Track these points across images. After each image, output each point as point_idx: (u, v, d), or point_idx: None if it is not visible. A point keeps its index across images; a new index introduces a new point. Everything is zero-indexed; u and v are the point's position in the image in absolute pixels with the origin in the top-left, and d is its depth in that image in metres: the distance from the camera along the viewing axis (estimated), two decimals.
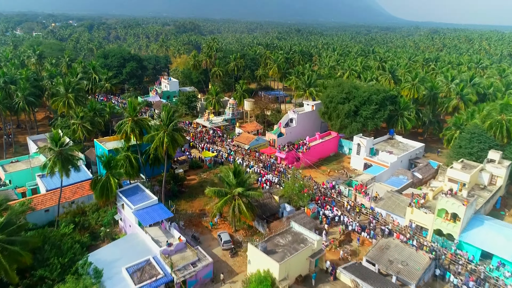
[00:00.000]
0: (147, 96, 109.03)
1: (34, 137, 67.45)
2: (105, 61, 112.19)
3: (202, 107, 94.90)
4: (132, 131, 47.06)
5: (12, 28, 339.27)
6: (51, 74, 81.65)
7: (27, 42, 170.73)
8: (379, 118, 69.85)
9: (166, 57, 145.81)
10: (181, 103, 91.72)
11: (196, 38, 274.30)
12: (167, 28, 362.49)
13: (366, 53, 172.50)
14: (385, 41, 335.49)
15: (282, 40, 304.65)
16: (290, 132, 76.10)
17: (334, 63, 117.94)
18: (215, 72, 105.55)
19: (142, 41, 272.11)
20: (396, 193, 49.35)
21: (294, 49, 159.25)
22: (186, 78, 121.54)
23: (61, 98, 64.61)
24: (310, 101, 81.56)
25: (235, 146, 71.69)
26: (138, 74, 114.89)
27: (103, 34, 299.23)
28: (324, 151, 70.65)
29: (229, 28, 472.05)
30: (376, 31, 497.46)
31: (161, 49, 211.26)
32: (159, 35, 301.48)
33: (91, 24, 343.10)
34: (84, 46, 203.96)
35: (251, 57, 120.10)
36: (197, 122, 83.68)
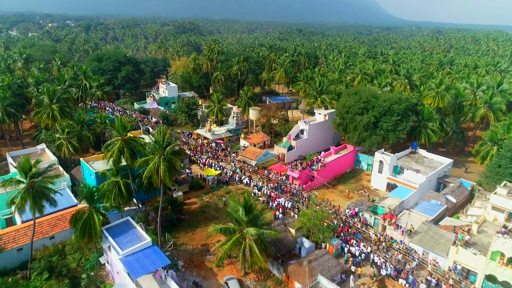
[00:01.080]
0: (144, 103, 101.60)
1: (15, 152, 59.87)
2: (99, 65, 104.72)
3: (203, 115, 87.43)
4: (121, 153, 39.63)
5: (7, 28, 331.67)
6: (38, 80, 74.12)
7: (19, 44, 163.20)
8: (401, 131, 62.49)
9: (164, 59, 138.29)
10: (180, 111, 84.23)
11: (196, 38, 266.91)
12: (166, 29, 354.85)
13: (373, 54, 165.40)
14: (389, 41, 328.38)
15: (284, 40, 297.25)
16: (301, 145, 68.79)
17: (342, 66, 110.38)
18: (217, 77, 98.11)
19: (140, 42, 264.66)
20: (433, 225, 41.90)
21: (299, 51, 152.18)
22: (186, 82, 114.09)
23: (44, 109, 57.15)
24: (322, 110, 74.16)
25: (241, 161, 64.25)
26: (135, 78, 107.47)
27: (100, 35, 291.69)
28: (340, 168, 63.23)
29: (229, 28, 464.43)
30: (377, 31, 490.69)
31: (159, 50, 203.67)
32: (158, 35, 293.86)
33: (88, 25, 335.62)
34: (80, 47, 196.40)
35: (255, 60, 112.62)
36: (197, 133, 76.22)
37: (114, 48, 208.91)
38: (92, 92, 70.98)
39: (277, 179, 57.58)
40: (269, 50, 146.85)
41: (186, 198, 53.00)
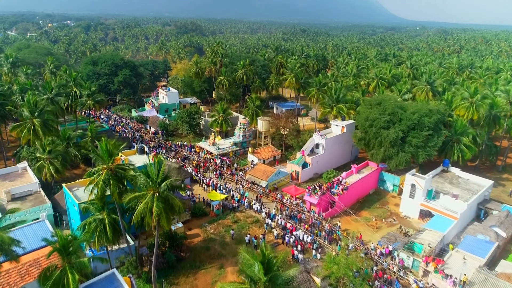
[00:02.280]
0: (142, 110, 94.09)
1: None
2: (93, 69, 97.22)
3: (206, 124, 79.81)
4: (107, 185, 32.03)
5: (6, 29, 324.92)
6: (23, 87, 66.60)
7: (14, 45, 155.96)
8: (432, 147, 54.70)
9: (165, 62, 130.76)
10: (181, 121, 76.58)
11: (198, 39, 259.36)
12: (168, 29, 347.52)
13: (384, 56, 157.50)
14: (395, 42, 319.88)
15: (288, 41, 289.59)
16: (317, 162, 61.07)
17: (356, 71, 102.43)
18: (221, 82, 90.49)
19: (140, 42, 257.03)
20: (491, 273, 34.10)
21: (306, 53, 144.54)
22: (187, 87, 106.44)
23: (24, 123, 49.59)
24: (339, 121, 66.40)
25: (249, 181, 56.55)
26: (132, 83, 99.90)
27: (100, 35, 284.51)
28: (363, 189, 55.49)
29: (231, 28, 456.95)
30: (381, 31, 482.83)
31: (160, 52, 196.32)
32: (159, 36, 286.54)
33: (88, 25, 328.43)
34: (78, 48, 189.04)
35: (262, 63, 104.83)
36: (200, 146, 68.55)
37: (113, 49, 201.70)
38: (83, 101, 63.38)
39: (292, 205, 49.85)
40: (275, 52, 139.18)
41: (187, 228, 45.42)
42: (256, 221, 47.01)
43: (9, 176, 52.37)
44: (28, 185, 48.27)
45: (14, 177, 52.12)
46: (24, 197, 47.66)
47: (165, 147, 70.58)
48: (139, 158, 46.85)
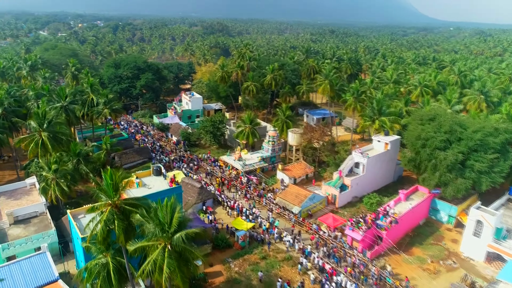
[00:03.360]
0: (165, 116, 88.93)
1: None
2: (115, 72, 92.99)
3: (231, 134, 73.48)
4: (111, 223, 25.97)
5: (38, 29, 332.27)
6: (38, 92, 62.40)
7: (42, 46, 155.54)
8: (498, 173, 45.94)
9: (189, 65, 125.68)
10: (205, 131, 70.51)
11: (224, 39, 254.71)
12: (194, 29, 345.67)
13: (422, 59, 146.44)
14: (429, 43, 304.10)
15: (316, 42, 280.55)
16: (357, 184, 53.36)
17: (396, 76, 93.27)
18: (248, 87, 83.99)
19: (167, 43, 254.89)
20: None
21: (338, 56, 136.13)
22: (212, 91, 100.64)
23: (31, 137, 44.65)
24: (382, 136, 58.31)
25: (279, 206, 49.58)
26: (155, 86, 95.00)
27: (127, 36, 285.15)
28: (413, 220, 47.40)
29: (258, 29, 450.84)
30: (412, 32, 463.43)
31: (185, 53, 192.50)
32: (185, 36, 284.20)
33: (116, 25, 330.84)
34: (104, 49, 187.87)
35: (292, 67, 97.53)
36: (224, 160, 62.13)
37: (139, 50, 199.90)
38: (99, 110, 58.32)
39: (331, 239, 42.48)
40: (305, 54, 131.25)
41: (208, 264, 38.96)
42: (288, 258, 40.03)
43: (15, 193, 47.68)
44: (33, 206, 43.27)
45: (21, 194, 47.37)
46: (28, 219, 42.66)
47: (186, 159, 64.65)
48: (155, 180, 40.84)
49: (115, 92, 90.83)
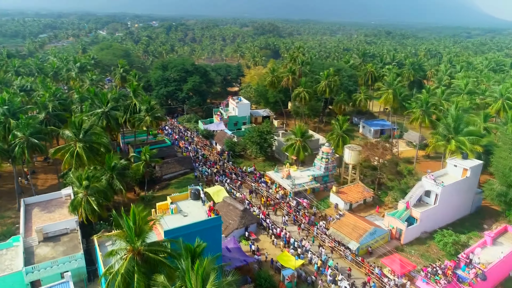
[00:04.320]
0: (210, 121, 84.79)
1: (31, 199, 45.60)
2: (163, 74, 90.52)
3: (279, 145, 67.30)
4: (130, 276, 20.88)
5: (98, 29, 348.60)
6: (83, 96, 60.46)
7: (97, 46, 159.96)
8: None
9: (238, 67, 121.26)
10: (251, 141, 64.94)
11: (274, 40, 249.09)
12: (245, 30, 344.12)
13: (496, 65, 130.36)
14: (500, 46, 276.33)
15: (371, 44, 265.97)
16: (427, 217, 44.83)
17: (471, 86, 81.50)
18: (299, 94, 77.35)
19: (217, 44, 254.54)
20: None
21: (398, 60, 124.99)
22: (260, 96, 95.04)
23: (66, 147, 41.55)
24: (459, 160, 49.00)
25: (332, 239, 42.53)
26: (202, 90, 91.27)
27: (179, 36, 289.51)
28: (503, 271, 38.18)
29: (309, 29, 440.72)
30: (477, 33, 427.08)
31: (235, 54, 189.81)
32: (236, 37, 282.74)
33: (170, 25, 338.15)
34: (156, 49, 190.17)
35: (349, 73, 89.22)
36: (271, 177, 56.04)
37: (190, 50, 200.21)
38: (140, 117, 54.80)
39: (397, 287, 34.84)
40: (361, 58, 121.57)
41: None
42: None
43: (50, 204, 45.18)
44: (64, 222, 40.06)
45: (55, 207, 44.76)
46: (58, 236, 39.53)
47: (230, 172, 59.47)
48: (192, 205, 35.76)
49: (161, 95, 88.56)
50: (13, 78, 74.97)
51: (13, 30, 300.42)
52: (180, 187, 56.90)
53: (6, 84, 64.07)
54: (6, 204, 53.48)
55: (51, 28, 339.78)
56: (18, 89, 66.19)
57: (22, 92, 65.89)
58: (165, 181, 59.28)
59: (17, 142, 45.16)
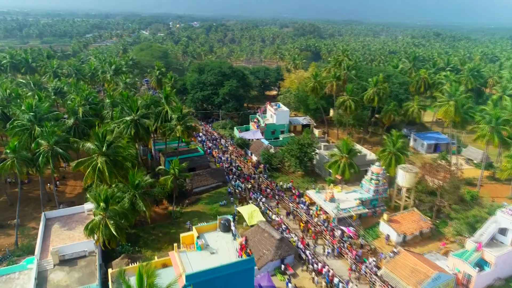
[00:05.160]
0: (247, 128, 79.87)
1: (52, 213, 42.66)
2: (199, 78, 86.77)
3: (320, 159, 60.96)
4: None
5: (141, 29, 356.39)
6: (114, 101, 57.46)
7: (137, 46, 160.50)
8: None
9: (277, 70, 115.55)
10: (290, 154, 59.07)
11: (315, 42, 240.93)
12: (285, 31, 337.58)
13: None
14: None
15: (420, 46, 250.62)
16: (504, 262, 36.87)
17: None
18: (344, 103, 70.46)
19: (256, 44, 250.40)
20: None
21: (452, 64, 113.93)
22: (300, 103, 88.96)
23: (88, 160, 37.89)
24: None
25: (385, 282, 35.79)
26: (238, 94, 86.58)
27: (219, 36, 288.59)
28: None
29: (351, 30, 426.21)
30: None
31: (274, 56, 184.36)
32: (275, 38, 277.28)
33: (210, 26, 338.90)
34: (195, 50, 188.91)
35: (400, 80, 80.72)
36: (311, 197, 49.90)
37: (228, 52, 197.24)
38: (171, 126, 50.65)
39: None
40: (412, 62, 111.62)
41: None
42: None
43: (71, 220, 42.04)
44: (82, 244, 36.44)
45: (76, 222, 41.54)
46: (75, 259, 35.97)
47: (265, 189, 54.01)
48: (221, 239, 30.60)
49: (196, 99, 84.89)
50: (50, 79, 74.08)
51: (62, 30, 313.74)
52: (211, 202, 52.39)
53: (40, 87, 62.51)
54: (32, 213, 51.43)
55: (98, 28, 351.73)
56: (52, 92, 64.56)
57: (55, 95, 64.22)
58: (196, 194, 54.96)
59: (41, 151, 42.36)
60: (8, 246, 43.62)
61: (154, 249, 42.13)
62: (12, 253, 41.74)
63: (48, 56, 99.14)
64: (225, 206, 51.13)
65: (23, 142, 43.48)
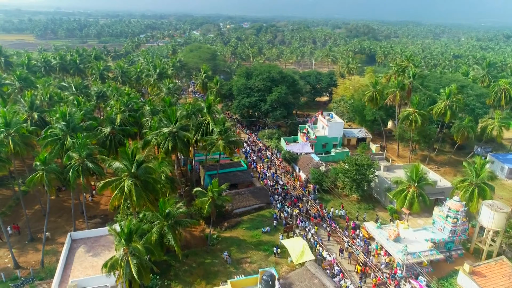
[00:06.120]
0: (295, 139, 73.16)
1: (78, 234, 38.76)
2: (246, 83, 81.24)
3: (380, 182, 52.69)
4: None
5: (192, 29, 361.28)
6: (154, 108, 53.34)
7: (187, 47, 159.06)
8: None
9: (330, 75, 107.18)
10: (345, 176, 51.37)
11: (370, 44, 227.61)
12: (337, 32, 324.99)
13: None
14: None
15: (488, 50, 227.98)
16: None
17: None
18: (409, 116, 61.19)
19: (307, 46, 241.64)
20: None
21: None
22: (356, 112, 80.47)
23: (116, 181, 33.27)
24: None
25: None
26: (287, 102, 79.92)
27: (269, 37, 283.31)
28: None
29: (408, 32, 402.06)
30: None
31: (326, 59, 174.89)
32: (327, 40, 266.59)
33: (260, 27, 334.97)
34: (244, 51, 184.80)
35: (477, 91, 69.33)
36: (370, 232, 42.01)
37: (278, 53, 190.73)
38: (213, 140, 45.20)
39: None
40: (486, 69, 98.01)
41: None
42: None
43: (98, 243, 37.82)
44: (104, 277, 31.68)
45: (103, 247, 37.20)
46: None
47: (315, 216, 46.92)
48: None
49: (242, 105, 79.48)
50: (94, 82, 72.36)
51: (118, 30, 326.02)
52: (252, 228, 46.36)
53: (81, 90, 60.22)
54: (64, 226, 48.61)
55: (151, 28, 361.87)
56: (95, 96, 62.12)
57: (98, 100, 61.68)
58: (236, 216, 49.21)
59: (72, 164, 38.68)
60: (33, 265, 40.71)
61: (185, 284, 36.87)
62: (36, 275, 38.59)
63: (96, 57, 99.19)
64: (268, 234, 44.91)
65: (54, 154, 40.13)
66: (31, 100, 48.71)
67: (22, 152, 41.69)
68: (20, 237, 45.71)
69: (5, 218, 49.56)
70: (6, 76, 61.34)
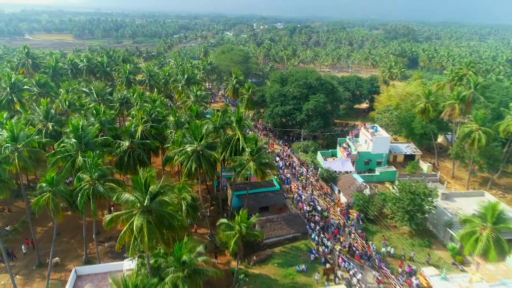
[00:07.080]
0: (333, 153, 65.71)
1: (86, 269, 33.61)
2: (281, 89, 74.55)
3: (438, 214, 44.42)
4: None
5: (225, 30, 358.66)
6: (179, 120, 47.79)
7: (219, 49, 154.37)
8: None
9: (371, 81, 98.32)
10: (396, 206, 43.50)
11: (410, 46, 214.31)
12: (375, 33, 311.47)
13: None
14: None
15: None
16: None
17: None
18: (471, 134, 52.21)
19: (343, 48, 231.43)
20: None
21: None
22: (403, 125, 71.74)
23: (126, 214, 27.62)
24: None
25: None
26: (325, 112, 72.54)
27: (303, 39, 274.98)
28: None
29: (451, 33, 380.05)
30: None
31: (365, 62, 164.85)
32: (364, 41, 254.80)
33: (294, 27, 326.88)
34: (278, 53, 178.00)
35: None
36: (431, 282, 34.03)
37: (313, 55, 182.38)
38: (242, 161, 38.90)
39: None
40: None
41: None
42: None
43: (105, 282, 32.52)
44: None
45: None
46: None
47: (360, 255, 39.50)
48: None
49: (275, 114, 72.87)
50: (117, 88, 68.17)
51: (153, 30, 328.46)
52: (285, 264, 39.67)
53: (103, 97, 55.77)
54: (76, 248, 44.00)
55: (185, 29, 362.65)
56: (118, 102, 57.61)
57: (121, 106, 57.11)
58: (266, 247, 42.70)
59: (82, 187, 33.65)
60: None
61: None
62: None
63: (124, 59, 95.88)
64: (304, 274, 38.05)
65: (64, 173, 35.30)
66: (46, 109, 44.42)
67: (29, 169, 37.17)
68: (27, 261, 41.45)
69: (16, 236, 46.01)
70: (26, 81, 57.94)
